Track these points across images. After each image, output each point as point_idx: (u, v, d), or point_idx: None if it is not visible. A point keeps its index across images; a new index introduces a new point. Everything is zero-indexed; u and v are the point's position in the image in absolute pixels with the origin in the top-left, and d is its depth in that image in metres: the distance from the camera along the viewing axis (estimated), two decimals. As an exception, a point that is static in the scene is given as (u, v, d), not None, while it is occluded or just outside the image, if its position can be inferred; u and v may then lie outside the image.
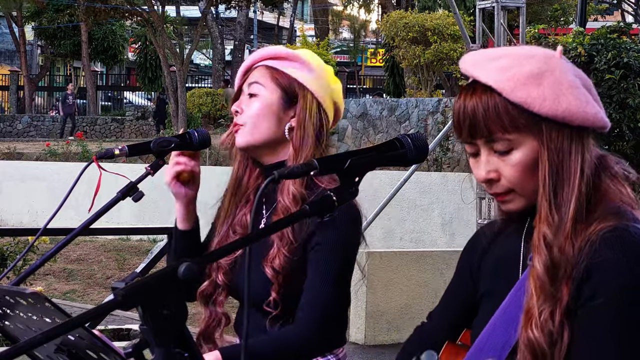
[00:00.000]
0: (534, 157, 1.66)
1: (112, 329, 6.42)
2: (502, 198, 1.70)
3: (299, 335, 2.21)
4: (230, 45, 39.24)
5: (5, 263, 6.16)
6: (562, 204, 1.64)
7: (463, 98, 1.69)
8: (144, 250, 11.68)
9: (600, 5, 31.44)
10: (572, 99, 1.65)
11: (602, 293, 1.59)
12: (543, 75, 1.66)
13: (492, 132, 1.66)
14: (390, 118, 17.23)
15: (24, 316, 1.58)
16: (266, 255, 2.24)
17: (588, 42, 9.01)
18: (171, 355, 1.36)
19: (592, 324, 1.59)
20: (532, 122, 1.65)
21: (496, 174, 1.68)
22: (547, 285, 1.62)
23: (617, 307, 1.58)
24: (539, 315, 1.61)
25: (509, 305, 1.71)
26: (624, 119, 8.76)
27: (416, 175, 9.94)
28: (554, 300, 1.61)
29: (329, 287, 2.21)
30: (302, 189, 2.26)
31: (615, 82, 8.75)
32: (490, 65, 1.68)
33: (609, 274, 1.58)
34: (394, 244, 11.08)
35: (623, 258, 1.58)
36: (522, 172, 1.67)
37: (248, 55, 2.54)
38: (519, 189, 1.68)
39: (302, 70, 2.32)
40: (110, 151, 2.22)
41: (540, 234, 1.64)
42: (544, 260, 1.62)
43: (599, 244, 1.60)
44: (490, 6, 9.17)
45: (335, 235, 2.22)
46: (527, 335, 1.62)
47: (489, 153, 1.68)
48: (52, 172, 15.02)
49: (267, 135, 2.31)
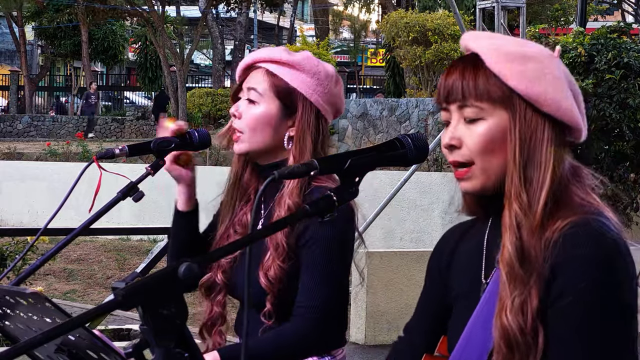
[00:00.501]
0: (501, 131, 1.65)
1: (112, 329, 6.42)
2: (461, 174, 1.69)
3: (296, 333, 2.21)
4: (231, 45, 39.23)
5: (5, 263, 6.16)
6: (533, 187, 1.63)
7: (450, 66, 1.73)
8: (144, 250, 11.68)
9: (600, 6, 31.44)
10: (550, 88, 1.65)
11: (568, 293, 1.56)
12: (532, 59, 1.67)
13: (465, 97, 1.67)
14: (390, 118, 17.24)
15: (24, 316, 1.58)
16: (262, 260, 2.25)
17: (588, 42, 9.00)
18: (171, 355, 1.36)
19: (560, 325, 1.57)
20: (507, 96, 1.65)
21: (458, 141, 1.68)
22: (518, 272, 1.59)
23: (583, 306, 1.56)
24: (512, 302, 1.59)
25: (483, 310, 1.69)
26: (624, 119, 8.75)
27: (416, 175, 9.94)
28: (525, 289, 1.58)
29: (325, 284, 2.21)
30: (298, 200, 2.26)
31: (616, 82, 8.74)
32: (488, 40, 1.71)
33: (573, 273, 1.56)
34: (394, 244, 11.08)
35: (585, 254, 1.56)
36: (484, 144, 1.65)
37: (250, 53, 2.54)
38: (478, 162, 1.67)
39: (303, 79, 2.31)
40: (110, 151, 2.22)
41: (512, 213, 1.62)
42: (514, 241, 1.61)
43: (562, 241, 1.58)
44: (490, 6, 9.17)
45: (331, 232, 2.22)
46: (500, 323, 1.59)
47: (458, 119, 1.69)
48: (52, 172, 15.02)
49: (264, 144, 2.31)
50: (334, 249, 2.22)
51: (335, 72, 2.39)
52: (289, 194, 2.26)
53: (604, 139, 8.94)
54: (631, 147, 8.98)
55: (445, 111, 1.72)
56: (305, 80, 2.31)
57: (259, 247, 2.25)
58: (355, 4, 46.49)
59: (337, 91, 2.36)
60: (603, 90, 8.79)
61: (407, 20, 19.70)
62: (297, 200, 2.25)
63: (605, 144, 8.96)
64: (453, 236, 1.87)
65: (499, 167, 1.66)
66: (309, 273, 2.22)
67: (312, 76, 2.32)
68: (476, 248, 1.76)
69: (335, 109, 2.37)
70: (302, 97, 2.30)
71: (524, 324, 1.58)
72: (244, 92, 2.35)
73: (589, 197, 1.66)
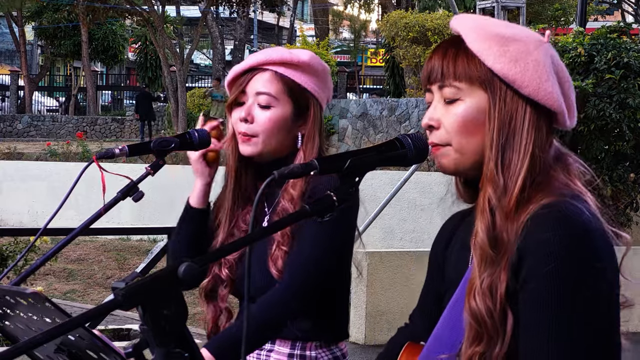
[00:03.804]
0: (480, 112, 1.63)
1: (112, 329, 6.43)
2: (437, 150, 1.67)
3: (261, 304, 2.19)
4: (231, 45, 39.23)
5: (5, 263, 6.16)
6: (509, 171, 1.60)
7: (436, 47, 1.72)
8: (144, 250, 11.69)
9: (600, 6, 31.45)
10: (530, 70, 1.62)
11: (532, 278, 1.52)
12: (516, 42, 1.65)
13: (445, 76, 1.66)
14: (390, 118, 17.24)
15: (24, 316, 1.58)
16: (270, 251, 2.26)
17: (588, 42, 9.00)
18: (171, 355, 1.36)
19: (525, 310, 1.53)
20: (486, 77, 1.63)
21: (437, 122, 1.67)
22: (489, 254, 1.56)
23: (549, 290, 1.50)
24: (480, 284, 1.56)
25: (459, 298, 1.65)
26: (624, 119, 8.75)
27: (416, 175, 9.94)
28: (495, 271, 1.55)
29: (314, 255, 2.21)
30: (302, 190, 2.27)
31: (615, 82, 8.74)
32: (471, 20, 1.69)
33: (538, 259, 1.52)
34: (394, 244, 11.09)
35: (553, 237, 1.51)
36: (462, 125, 1.64)
37: (248, 55, 2.53)
38: (455, 143, 1.65)
39: (311, 79, 2.34)
40: (110, 151, 2.22)
41: (485, 196, 1.60)
42: (487, 225, 1.58)
43: (529, 224, 1.54)
44: (490, 6, 9.18)
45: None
46: (469, 305, 1.57)
47: (438, 100, 1.68)
48: (52, 172, 15.03)
49: (277, 147, 2.32)
50: (333, 227, 2.19)
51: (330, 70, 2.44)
52: (292, 185, 2.27)
53: (604, 139, 8.94)
54: (631, 147, 8.98)
55: (429, 92, 1.71)
56: (313, 79, 2.34)
57: (266, 243, 2.26)
58: (355, 3, 46.49)
59: (331, 83, 2.42)
60: (603, 90, 8.79)
61: (407, 20, 19.70)
62: (301, 191, 2.26)
63: (605, 144, 8.96)
64: (451, 224, 1.86)
65: (476, 148, 1.64)
66: (302, 243, 2.22)
67: (318, 75, 2.35)
68: (466, 238, 1.73)
69: (328, 98, 2.43)
70: (312, 97, 2.34)
71: (493, 306, 1.55)
72: (249, 98, 2.33)
73: (571, 182, 1.62)
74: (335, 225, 2.07)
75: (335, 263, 2.27)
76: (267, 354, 2.32)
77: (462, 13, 1.81)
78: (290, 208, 2.26)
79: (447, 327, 1.68)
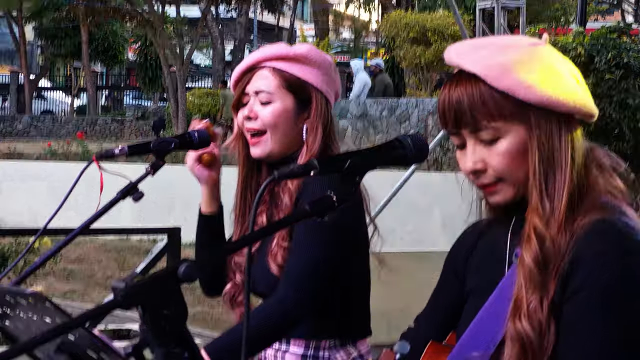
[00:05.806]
0: (522, 145, 1.63)
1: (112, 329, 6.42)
2: (491, 189, 1.67)
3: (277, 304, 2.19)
4: (230, 46, 39.20)
5: (5, 263, 6.16)
6: (554, 193, 1.61)
7: (448, 88, 1.68)
8: (144, 250, 11.68)
9: (600, 6, 31.44)
10: (557, 87, 1.63)
11: (586, 288, 1.55)
12: (529, 62, 1.64)
13: (478, 121, 1.64)
14: (390, 118, 17.23)
15: (24, 316, 1.58)
16: (270, 249, 2.26)
17: (588, 42, 9.00)
18: (171, 355, 1.36)
19: (575, 320, 1.56)
20: (519, 110, 1.63)
21: (483, 164, 1.66)
22: (536, 276, 1.58)
23: (600, 302, 1.54)
24: (527, 306, 1.58)
25: (496, 301, 1.68)
26: (624, 119, 8.75)
27: (416, 175, 9.94)
28: (543, 292, 1.58)
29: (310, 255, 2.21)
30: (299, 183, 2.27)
31: (615, 82, 8.74)
32: (476, 54, 1.66)
33: (593, 269, 1.54)
34: (394, 244, 11.08)
35: (608, 252, 1.55)
36: (509, 161, 1.64)
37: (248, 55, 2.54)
38: (507, 177, 1.65)
39: (311, 70, 2.34)
40: (110, 151, 2.22)
41: (530, 225, 1.61)
42: (534, 251, 1.59)
43: (584, 237, 1.57)
44: (490, 6, 9.17)
45: None
46: (514, 326, 1.59)
47: (475, 143, 1.67)
48: (52, 172, 15.01)
49: (285, 141, 2.32)
50: (319, 231, 2.20)
51: (332, 60, 2.42)
52: (291, 180, 2.26)
53: (604, 139, 8.93)
54: (631, 147, 8.98)
55: (456, 135, 1.69)
56: (314, 71, 2.34)
57: (268, 242, 2.26)
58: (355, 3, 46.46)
59: (337, 77, 2.41)
60: (603, 90, 8.79)
61: (406, 21, 19.68)
62: (299, 184, 2.26)
63: (605, 144, 8.94)
64: (473, 233, 1.86)
65: (526, 176, 1.65)
66: (299, 243, 2.22)
67: (319, 67, 2.35)
68: (497, 246, 1.74)
69: (336, 93, 2.41)
70: (314, 89, 2.33)
71: (539, 326, 1.57)
72: (251, 97, 2.34)
73: (611, 184, 1.65)
74: (331, 226, 2.06)
75: (335, 264, 2.26)
76: (282, 355, 2.32)
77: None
78: (288, 202, 2.26)
79: (483, 327, 1.69)
